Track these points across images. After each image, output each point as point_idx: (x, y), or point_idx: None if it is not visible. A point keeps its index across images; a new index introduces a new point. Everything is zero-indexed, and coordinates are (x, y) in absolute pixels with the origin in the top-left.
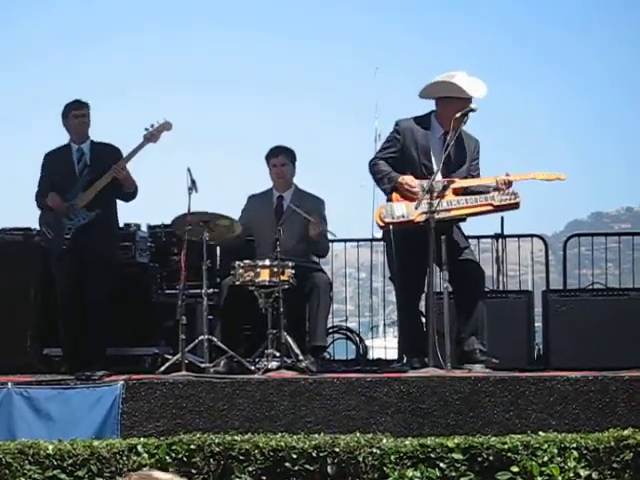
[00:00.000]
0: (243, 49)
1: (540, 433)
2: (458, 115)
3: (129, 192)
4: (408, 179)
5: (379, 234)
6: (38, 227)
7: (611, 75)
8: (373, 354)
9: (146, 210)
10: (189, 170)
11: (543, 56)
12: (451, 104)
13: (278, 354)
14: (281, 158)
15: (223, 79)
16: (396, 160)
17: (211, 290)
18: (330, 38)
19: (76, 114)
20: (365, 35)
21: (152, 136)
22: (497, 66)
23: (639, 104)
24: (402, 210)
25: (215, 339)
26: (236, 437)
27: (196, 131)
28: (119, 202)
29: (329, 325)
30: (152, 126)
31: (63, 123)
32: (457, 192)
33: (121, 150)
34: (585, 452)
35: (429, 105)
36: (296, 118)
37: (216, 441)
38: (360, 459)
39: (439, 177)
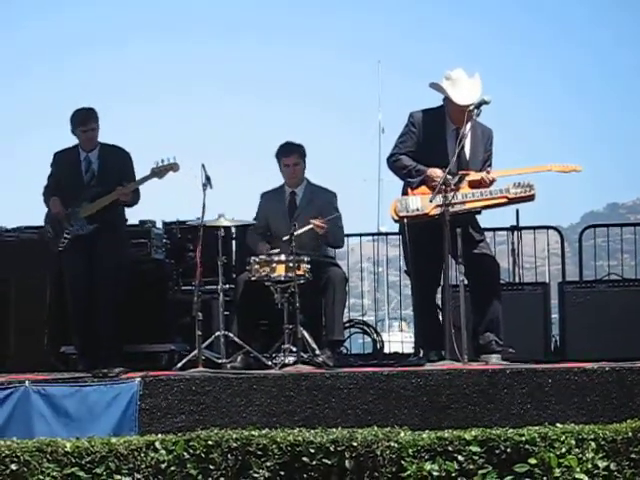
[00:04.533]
0: (248, 53)
1: (557, 425)
2: (472, 107)
3: (134, 204)
4: (438, 172)
5: (384, 228)
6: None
7: (616, 69)
8: (390, 348)
9: (161, 207)
10: (203, 166)
11: (543, 56)
12: (452, 103)
13: (295, 349)
14: (293, 158)
15: (233, 80)
16: (414, 154)
17: (227, 286)
18: (330, 35)
19: (85, 129)
20: (364, 31)
21: (159, 172)
22: (497, 67)
23: None
24: (417, 204)
25: (231, 335)
26: (254, 432)
27: (209, 130)
28: None
29: (345, 319)
30: (162, 161)
31: (71, 131)
32: (472, 185)
33: (130, 154)
34: (603, 443)
35: (431, 98)
36: (298, 114)
37: (234, 437)
38: (378, 453)
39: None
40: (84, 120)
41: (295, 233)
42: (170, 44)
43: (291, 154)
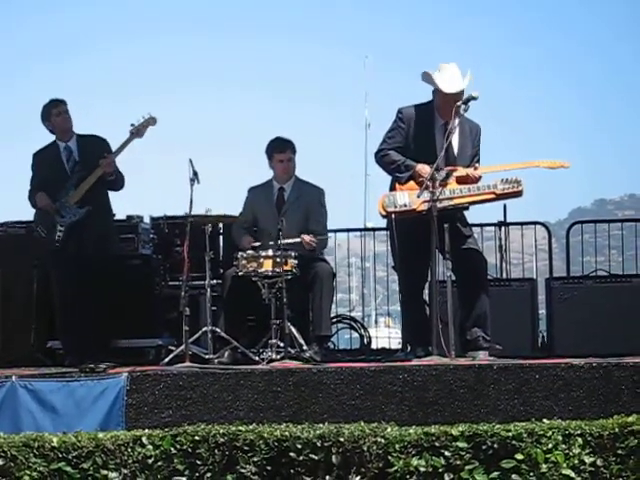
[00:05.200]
0: (236, 49)
1: (544, 420)
2: (459, 103)
3: (119, 185)
4: (427, 168)
5: (371, 223)
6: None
7: (607, 65)
8: (377, 343)
9: (148, 202)
10: (191, 161)
11: (536, 49)
12: (440, 95)
13: (282, 344)
14: (287, 153)
15: (219, 76)
16: (403, 149)
17: (214, 281)
18: (316, 28)
19: (57, 112)
20: (351, 24)
21: (138, 131)
22: (489, 58)
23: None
24: (405, 199)
25: (219, 330)
26: (241, 428)
27: (195, 125)
28: (120, 194)
29: (332, 315)
30: (138, 121)
31: (45, 125)
32: (460, 181)
33: (107, 140)
34: (589, 439)
35: (419, 93)
36: (284, 109)
37: (221, 432)
38: (365, 448)
39: (443, 165)
40: (56, 104)
41: (283, 241)
42: (164, 42)
43: (285, 150)
